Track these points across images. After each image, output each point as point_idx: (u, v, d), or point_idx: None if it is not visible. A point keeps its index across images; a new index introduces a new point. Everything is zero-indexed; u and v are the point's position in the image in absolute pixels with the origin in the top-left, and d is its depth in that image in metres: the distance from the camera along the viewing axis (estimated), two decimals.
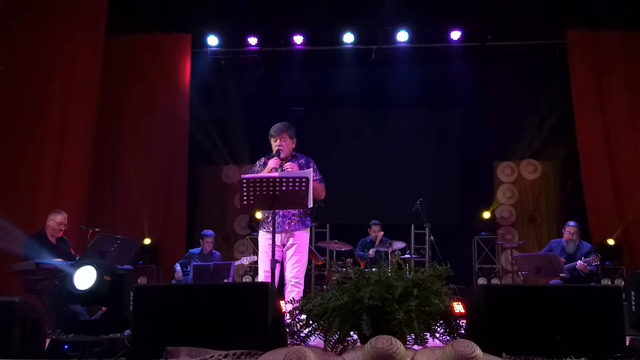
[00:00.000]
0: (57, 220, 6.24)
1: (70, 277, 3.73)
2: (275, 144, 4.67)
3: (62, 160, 7.76)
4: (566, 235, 6.84)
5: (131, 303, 3.45)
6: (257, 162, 4.80)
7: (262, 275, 4.53)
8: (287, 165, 4.56)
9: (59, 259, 5.91)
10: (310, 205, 4.25)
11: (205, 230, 7.78)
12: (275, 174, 4.16)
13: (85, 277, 3.72)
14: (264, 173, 4.50)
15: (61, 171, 7.73)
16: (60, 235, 6.30)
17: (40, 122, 7.64)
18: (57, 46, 7.76)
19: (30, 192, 7.40)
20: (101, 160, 8.59)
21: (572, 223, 6.92)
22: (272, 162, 4.55)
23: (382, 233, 8.25)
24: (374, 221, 8.41)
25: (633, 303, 3.53)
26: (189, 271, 7.12)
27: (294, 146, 4.78)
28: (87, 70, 7.99)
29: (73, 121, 7.85)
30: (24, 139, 7.53)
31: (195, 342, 2.96)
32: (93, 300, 3.76)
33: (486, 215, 9.51)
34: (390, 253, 7.60)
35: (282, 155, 4.64)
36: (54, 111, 7.75)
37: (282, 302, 4.18)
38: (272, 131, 4.71)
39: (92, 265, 3.74)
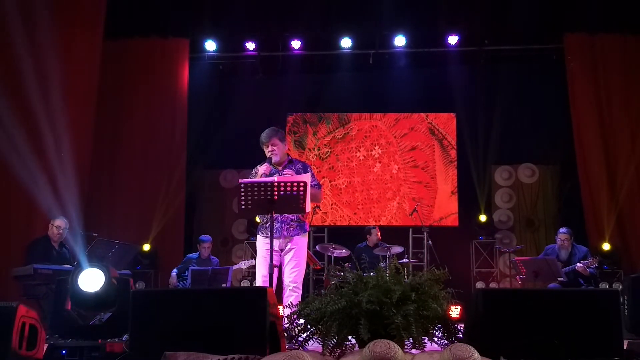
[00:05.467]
0: (56, 225, 6.25)
1: (75, 280, 3.71)
2: (267, 151, 4.66)
3: (60, 165, 7.73)
4: (558, 242, 6.76)
5: None
6: (253, 170, 4.77)
7: (260, 280, 4.52)
8: (287, 172, 4.55)
9: (67, 265, 5.90)
10: (309, 209, 4.25)
11: (203, 236, 7.75)
12: (273, 179, 4.16)
13: (92, 280, 3.70)
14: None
15: (58, 175, 7.70)
16: (60, 240, 6.30)
17: (38, 125, 7.62)
18: (54, 49, 7.75)
19: (27, 196, 7.38)
20: (99, 165, 8.56)
21: (563, 229, 6.80)
22: (262, 169, 4.55)
23: (379, 234, 8.27)
24: (371, 226, 8.43)
25: (626, 307, 3.54)
26: (186, 276, 7.10)
27: (287, 148, 4.79)
28: (84, 74, 7.97)
29: (70, 125, 7.83)
30: (22, 143, 7.51)
31: (194, 347, 2.96)
32: (101, 304, 3.75)
33: (483, 218, 9.50)
34: (389, 257, 7.59)
35: (276, 160, 4.63)
36: (52, 114, 7.73)
37: (280, 307, 4.17)
38: (262, 139, 4.69)
39: (100, 268, 3.73)
